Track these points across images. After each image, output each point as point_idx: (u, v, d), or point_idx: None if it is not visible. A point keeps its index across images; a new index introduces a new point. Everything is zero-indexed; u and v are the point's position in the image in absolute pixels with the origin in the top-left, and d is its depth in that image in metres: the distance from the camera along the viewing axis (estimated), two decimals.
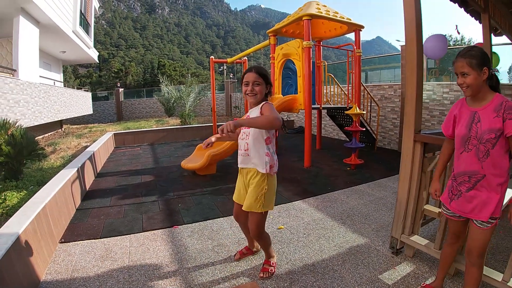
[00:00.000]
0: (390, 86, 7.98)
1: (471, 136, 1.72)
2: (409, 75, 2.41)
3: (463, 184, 1.79)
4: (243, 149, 2.19)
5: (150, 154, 8.07)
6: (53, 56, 15.54)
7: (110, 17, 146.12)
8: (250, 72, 2.14)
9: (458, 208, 1.83)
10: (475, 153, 1.71)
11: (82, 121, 21.40)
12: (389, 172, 5.51)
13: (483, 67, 1.65)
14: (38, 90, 10.10)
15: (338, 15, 5.84)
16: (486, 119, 1.67)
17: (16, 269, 2.10)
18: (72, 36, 12.98)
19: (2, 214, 3.85)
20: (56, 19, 10.76)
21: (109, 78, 57.09)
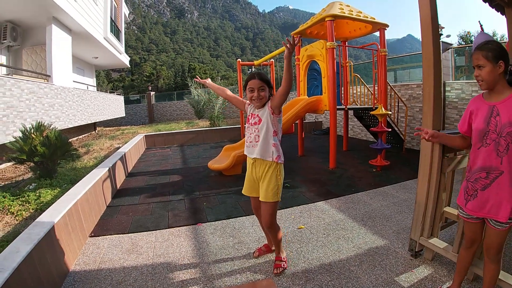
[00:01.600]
0: (418, 85, 7.75)
1: (489, 130, 1.69)
2: (426, 73, 2.39)
3: (479, 181, 1.74)
4: (253, 140, 2.39)
5: (179, 155, 8.33)
6: (86, 62, 16.34)
7: (141, 22, 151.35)
8: (254, 79, 2.28)
9: (474, 209, 1.78)
10: (494, 148, 1.67)
11: (115, 124, 22.33)
12: (416, 174, 5.30)
13: (499, 60, 1.63)
14: (72, 94, 10.69)
15: (361, 15, 5.77)
16: (505, 112, 1.63)
17: (46, 258, 2.28)
18: (103, 43, 13.61)
19: (37, 209, 4.17)
20: (87, 26, 11.35)
21: (141, 82, 59.14)
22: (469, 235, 1.92)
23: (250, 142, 2.42)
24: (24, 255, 1.99)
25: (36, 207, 4.22)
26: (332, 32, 5.42)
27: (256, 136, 2.37)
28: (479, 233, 1.88)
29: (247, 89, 2.33)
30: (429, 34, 2.31)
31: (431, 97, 2.36)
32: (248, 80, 2.33)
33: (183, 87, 48.79)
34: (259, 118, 2.37)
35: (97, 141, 11.40)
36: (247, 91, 2.34)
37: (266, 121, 2.33)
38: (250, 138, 2.42)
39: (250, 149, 2.42)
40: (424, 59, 2.39)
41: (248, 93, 2.34)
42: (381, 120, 5.79)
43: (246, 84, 2.34)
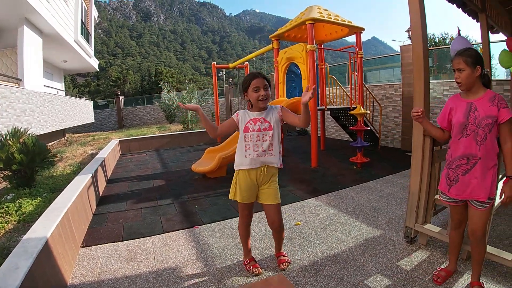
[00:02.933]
0: (391, 85, 8.17)
1: (469, 122, 1.95)
2: (417, 74, 2.59)
3: (460, 168, 2.00)
4: (266, 149, 2.27)
5: (157, 159, 8.20)
6: (55, 66, 15.71)
7: (107, 26, 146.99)
8: (259, 78, 2.21)
9: (457, 193, 2.03)
10: (473, 138, 1.93)
11: (83, 130, 21.52)
12: (394, 169, 5.66)
13: (476, 65, 1.90)
14: (43, 99, 10.23)
15: (339, 19, 6.02)
16: (482, 107, 1.91)
17: (46, 273, 2.16)
18: (74, 45, 13.18)
19: (19, 221, 3.95)
20: (58, 28, 10.96)
21: (107, 87, 57.34)
22: (456, 217, 2.17)
23: (263, 151, 2.28)
24: (25, 271, 1.88)
25: (18, 218, 4.01)
26: (312, 35, 5.61)
27: (270, 145, 2.28)
28: (464, 214, 2.12)
29: (250, 89, 2.22)
30: (420, 43, 2.52)
31: (422, 95, 2.55)
32: (250, 79, 2.22)
33: (150, 91, 47.87)
34: (269, 123, 2.28)
35: (68, 148, 10.96)
36: (250, 91, 2.23)
37: (276, 127, 2.28)
38: (260, 146, 2.28)
39: (261, 159, 2.29)
40: (415, 63, 2.59)
41: (252, 94, 2.22)
42: (360, 119, 6.04)
43: (247, 85, 2.23)
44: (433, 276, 2.25)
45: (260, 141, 2.27)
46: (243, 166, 2.32)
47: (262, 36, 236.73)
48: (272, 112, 2.31)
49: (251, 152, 2.28)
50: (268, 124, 2.27)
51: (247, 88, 2.25)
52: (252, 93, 2.23)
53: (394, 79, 11.18)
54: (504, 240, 2.72)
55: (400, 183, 4.81)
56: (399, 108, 7.85)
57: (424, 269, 2.38)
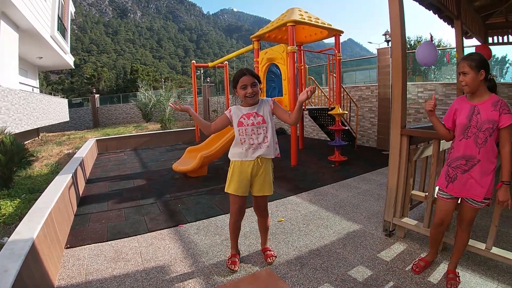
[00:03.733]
0: (367, 87, 8.45)
1: (471, 125, 2.02)
2: (395, 77, 2.74)
3: (459, 168, 2.09)
4: (261, 141, 2.36)
5: (135, 159, 8.10)
6: (30, 62, 15.11)
7: (82, 21, 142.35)
8: (246, 76, 2.25)
9: (455, 190, 2.12)
10: (474, 140, 2.00)
11: (58, 129, 20.79)
12: (371, 167, 5.89)
13: (480, 69, 1.96)
14: (18, 97, 9.82)
15: (319, 21, 6.19)
16: (485, 111, 1.98)
17: (34, 275, 2.13)
18: (50, 42, 12.70)
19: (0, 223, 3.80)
20: (35, 23, 10.55)
21: (81, 84, 55.55)
22: (440, 215, 2.25)
23: (258, 143, 2.37)
24: (14, 274, 1.83)
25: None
26: (293, 37, 5.74)
27: (264, 137, 2.37)
28: (450, 212, 2.22)
29: (238, 87, 2.29)
30: (399, 46, 2.67)
31: (400, 97, 2.71)
32: (237, 77, 2.27)
33: (126, 90, 46.80)
34: (262, 117, 2.35)
35: (44, 148, 10.58)
36: (238, 89, 2.29)
37: (269, 119, 2.36)
38: (256, 140, 2.36)
39: (254, 151, 2.37)
40: (394, 66, 2.75)
41: (240, 91, 2.29)
42: (338, 119, 6.23)
43: (236, 83, 2.29)
44: (412, 266, 2.41)
45: (255, 134, 2.35)
46: (238, 157, 2.42)
47: (239, 35, 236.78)
48: (264, 105, 2.37)
49: (247, 145, 2.36)
50: (261, 117, 2.34)
51: (236, 85, 2.31)
52: (240, 90, 2.29)
53: (370, 80, 11.54)
54: (477, 232, 2.92)
55: (377, 180, 5.03)
56: (375, 108, 8.13)
57: (403, 260, 2.54)
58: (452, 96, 6.43)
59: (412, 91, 7.19)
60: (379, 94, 7.74)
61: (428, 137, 2.85)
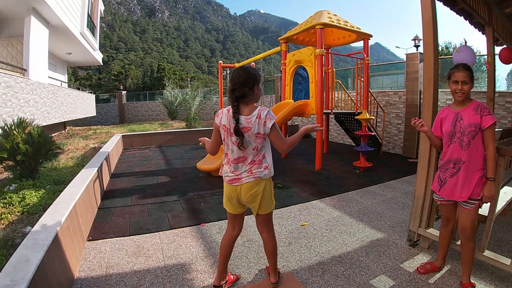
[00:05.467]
0: (395, 92, 8.25)
1: (455, 131, 2.19)
2: (427, 83, 2.68)
3: (448, 171, 2.24)
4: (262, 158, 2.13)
5: (160, 156, 8.27)
6: (59, 58, 15.72)
7: (110, 20, 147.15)
8: None
9: (446, 193, 2.26)
10: (459, 144, 2.17)
11: (84, 123, 21.53)
12: (396, 175, 5.76)
13: (473, 80, 2.17)
14: (46, 90, 10.25)
15: (348, 24, 6.11)
16: (467, 117, 2.15)
17: (56, 266, 2.16)
18: (79, 38, 13.18)
19: (23, 212, 3.93)
20: (65, 20, 10.97)
21: (109, 81, 57.19)
22: (445, 215, 2.41)
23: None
24: (37, 263, 1.84)
25: (22, 209, 4.00)
26: (321, 40, 5.69)
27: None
28: (453, 212, 2.35)
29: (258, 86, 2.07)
30: (431, 53, 2.63)
31: (430, 104, 2.65)
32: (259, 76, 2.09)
33: (152, 87, 47.80)
34: None
35: (70, 141, 11.01)
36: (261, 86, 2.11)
37: None
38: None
39: None
40: (425, 74, 2.69)
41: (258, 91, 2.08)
42: (364, 125, 6.13)
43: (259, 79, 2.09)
44: (418, 267, 2.49)
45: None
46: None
47: (266, 37, 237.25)
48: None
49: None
50: None
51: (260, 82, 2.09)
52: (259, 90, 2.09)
53: (397, 85, 11.26)
54: (502, 246, 2.83)
55: (402, 188, 4.91)
56: (402, 115, 7.94)
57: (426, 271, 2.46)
58: None
59: (440, 98, 6.96)
60: (407, 100, 7.55)
61: None
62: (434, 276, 2.41)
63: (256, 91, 2.05)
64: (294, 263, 2.66)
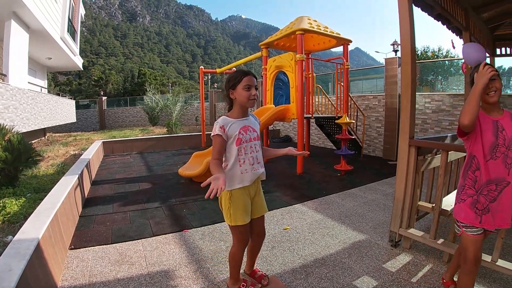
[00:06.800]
0: (374, 96, 8.45)
1: (499, 143, 1.74)
2: (404, 87, 2.75)
3: (490, 194, 1.78)
4: (260, 160, 2.12)
5: (141, 162, 8.14)
6: (39, 63, 15.35)
7: (91, 24, 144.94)
8: (250, 76, 1.98)
9: (492, 222, 1.80)
10: (503, 160, 1.74)
11: (64, 129, 21.04)
12: (377, 177, 5.87)
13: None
14: (26, 96, 9.94)
15: (328, 30, 6.23)
16: (508, 127, 1.76)
17: (38, 276, 2.11)
18: (59, 43, 12.91)
19: (4, 221, 3.82)
20: (46, 24, 10.74)
21: (89, 86, 56.17)
22: (476, 254, 1.83)
23: (258, 163, 2.09)
24: (19, 273, 1.81)
25: (2, 218, 3.89)
26: (302, 45, 5.78)
27: (261, 156, 2.15)
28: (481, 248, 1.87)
29: (240, 87, 1.95)
30: (408, 57, 2.70)
31: (408, 108, 2.71)
32: (241, 76, 1.96)
33: (132, 93, 47.20)
34: (257, 133, 2.10)
35: (50, 148, 10.72)
36: (239, 89, 1.96)
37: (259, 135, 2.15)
38: (255, 159, 2.07)
39: (255, 173, 2.07)
40: (403, 78, 2.76)
41: (242, 92, 1.95)
42: (345, 128, 6.24)
43: (237, 82, 1.96)
44: None
45: (254, 152, 2.06)
46: (239, 185, 2.04)
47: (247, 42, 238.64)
48: (255, 121, 2.15)
49: (248, 167, 2.04)
50: (256, 133, 2.09)
51: (235, 85, 1.96)
52: (243, 91, 1.95)
53: (377, 89, 11.51)
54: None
55: (383, 190, 5.01)
56: (382, 118, 8.12)
57: (408, 271, 2.52)
58: (459, 107, 6.40)
59: (419, 101, 7.17)
60: (386, 103, 7.74)
61: (437, 148, 2.85)
62: (416, 275, 2.46)
63: (232, 95, 2.01)
64: (278, 266, 2.66)
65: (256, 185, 2.16)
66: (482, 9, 3.98)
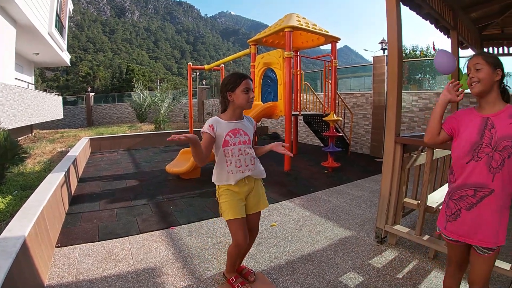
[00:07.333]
0: (362, 94, 8.52)
1: (483, 143, 1.52)
2: (391, 85, 2.78)
3: (465, 199, 1.58)
4: (249, 163, 2.12)
5: (129, 159, 8.05)
6: (26, 58, 14.97)
7: (79, 19, 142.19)
8: (248, 79, 2.03)
9: (456, 232, 1.61)
10: (486, 163, 1.51)
11: (52, 126, 20.61)
12: (364, 174, 5.94)
13: (497, 67, 1.55)
14: (13, 92, 9.69)
15: (317, 28, 6.24)
16: (501, 125, 1.50)
17: (25, 274, 2.10)
18: (47, 38, 12.60)
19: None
20: (33, 19, 10.47)
21: (77, 82, 55.39)
22: (454, 260, 1.73)
23: (246, 166, 2.10)
24: (5, 271, 1.79)
25: None
26: (290, 42, 5.77)
27: (252, 158, 2.13)
28: (465, 256, 1.69)
29: (239, 90, 1.99)
30: (395, 56, 2.73)
31: (394, 105, 2.74)
32: (240, 79, 2.01)
33: (120, 89, 46.66)
34: (248, 137, 2.12)
35: (37, 145, 10.48)
36: (238, 92, 2.00)
37: (252, 138, 2.15)
38: (243, 162, 2.09)
39: (242, 175, 2.09)
40: (390, 76, 2.79)
41: (241, 95, 1.99)
42: (332, 126, 6.27)
43: (236, 85, 2.00)
44: None
45: (242, 155, 2.08)
46: (225, 182, 2.11)
47: (236, 39, 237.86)
48: (248, 124, 2.16)
49: (234, 168, 2.07)
50: (247, 137, 2.11)
51: (235, 88, 2.00)
52: (242, 94, 2.00)
53: (365, 87, 11.61)
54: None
55: (370, 187, 5.06)
56: (369, 116, 8.20)
57: (394, 267, 2.56)
58: None
59: (406, 99, 7.26)
60: (374, 101, 7.81)
61: (422, 145, 2.88)
62: (402, 271, 2.50)
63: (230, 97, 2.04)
64: (264, 263, 2.67)
65: (250, 184, 2.17)
66: (471, 9, 4.03)
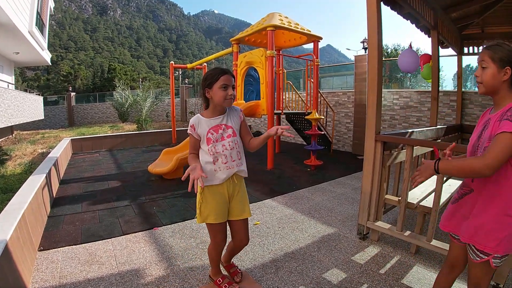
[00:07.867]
0: (344, 93, 8.63)
1: (479, 144, 1.48)
2: (371, 84, 2.82)
3: (454, 195, 1.64)
4: (235, 158, 2.03)
5: (111, 160, 7.90)
6: (6, 57, 14.50)
7: (61, 17, 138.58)
8: (227, 75, 1.92)
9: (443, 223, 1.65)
10: None
11: (32, 127, 20.07)
12: (346, 172, 6.02)
13: (506, 65, 1.38)
14: None
15: (299, 27, 6.28)
16: (491, 125, 1.42)
17: (8, 278, 2.06)
18: (27, 37, 12.16)
19: None
20: (13, 17, 10.05)
21: (58, 82, 54.10)
22: (449, 258, 1.70)
23: (232, 161, 2.01)
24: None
25: None
26: (272, 41, 5.79)
27: (238, 153, 2.04)
28: (459, 257, 1.64)
29: (216, 86, 1.90)
30: (375, 55, 2.77)
31: (374, 104, 2.79)
32: (218, 75, 1.90)
33: (102, 88, 45.81)
34: (232, 129, 2.03)
35: (17, 146, 10.20)
36: (216, 88, 1.90)
37: (237, 132, 2.06)
38: (229, 157, 2.00)
39: (229, 171, 2.01)
40: (370, 74, 2.83)
41: (219, 92, 1.90)
42: (314, 124, 6.33)
43: (214, 81, 1.90)
44: None
45: (227, 150, 1.99)
46: (210, 182, 2.01)
47: (219, 38, 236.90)
48: (233, 115, 2.07)
49: (220, 165, 2.00)
50: (231, 129, 2.02)
51: (212, 84, 1.91)
52: (219, 90, 1.90)
53: (347, 86, 11.78)
54: None
55: (352, 185, 5.14)
56: (351, 114, 8.31)
57: (376, 263, 2.62)
58: (426, 103, 6.63)
59: (387, 98, 7.39)
60: (355, 100, 7.92)
61: (402, 143, 2.94)
62: (384, 266, 2.55)
63: (208, 94, 1.97)
64: (248, 262, 2.67)
65: (234, 184, 2.08)
66: (451, 9, 4.13)
